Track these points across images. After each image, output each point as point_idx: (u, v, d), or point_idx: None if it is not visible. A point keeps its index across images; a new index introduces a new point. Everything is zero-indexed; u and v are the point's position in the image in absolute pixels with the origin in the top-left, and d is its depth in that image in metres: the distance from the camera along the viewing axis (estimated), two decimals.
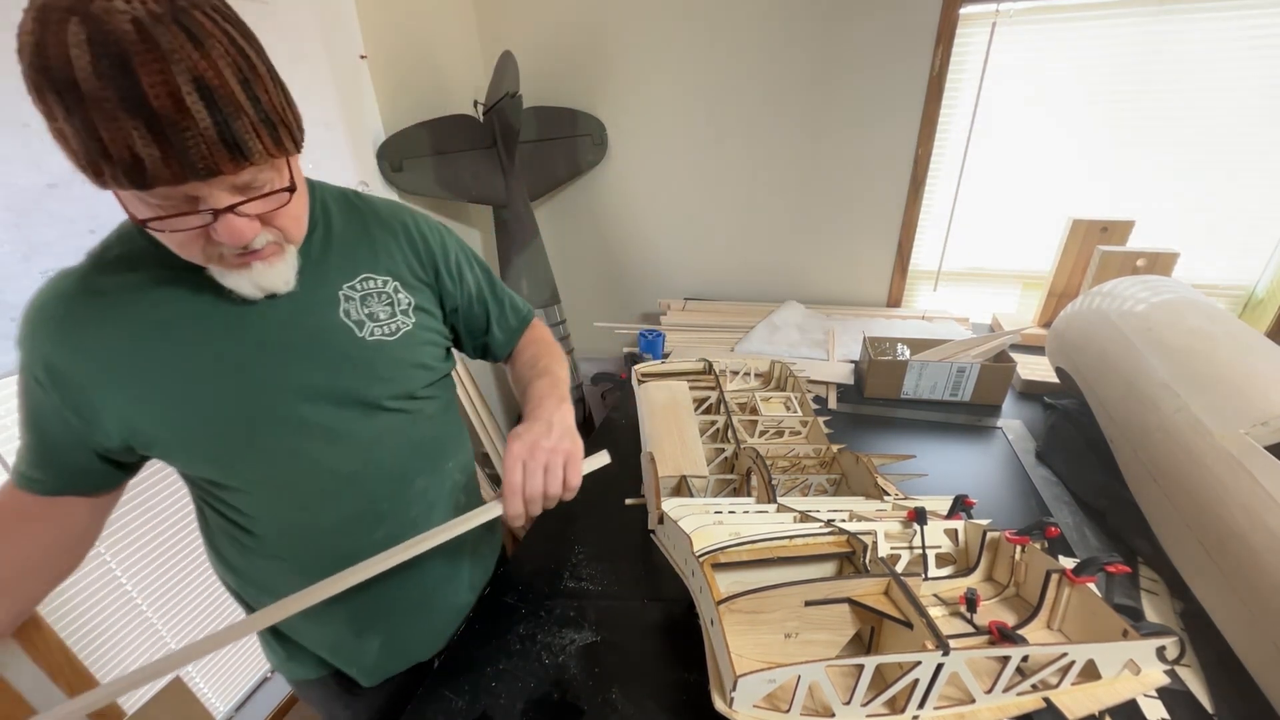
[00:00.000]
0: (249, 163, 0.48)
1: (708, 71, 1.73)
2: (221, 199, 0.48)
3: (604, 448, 0.71)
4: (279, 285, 0.58)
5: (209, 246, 0.51)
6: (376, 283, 0.67)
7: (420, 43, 1.68)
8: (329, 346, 0.64)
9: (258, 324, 0.60)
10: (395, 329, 0.68)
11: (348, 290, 0.65)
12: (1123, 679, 0.55)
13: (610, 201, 2.02)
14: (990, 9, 1.45)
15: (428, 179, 1.65)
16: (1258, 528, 0.63)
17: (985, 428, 1.18)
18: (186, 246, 0.51)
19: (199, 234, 0.50)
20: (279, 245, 0.56)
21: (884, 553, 0.69)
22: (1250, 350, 0.82)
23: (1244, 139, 1.43)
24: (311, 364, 0.62)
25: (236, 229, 0.50)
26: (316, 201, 0.66)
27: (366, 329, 0.66)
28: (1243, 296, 1.58)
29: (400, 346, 0.68)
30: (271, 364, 0.61)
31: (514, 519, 0.63)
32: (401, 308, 0.69)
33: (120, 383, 0.56)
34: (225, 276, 0.54)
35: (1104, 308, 1.05)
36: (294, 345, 0.62)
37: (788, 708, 0.50)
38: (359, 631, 0.74)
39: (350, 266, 0.66)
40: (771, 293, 1.96)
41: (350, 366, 0.64)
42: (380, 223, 0.70)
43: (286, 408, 0.62)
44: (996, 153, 1.62)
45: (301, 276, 0.61)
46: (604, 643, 0.72)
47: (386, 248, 0.69)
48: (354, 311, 0.65)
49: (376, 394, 0.66)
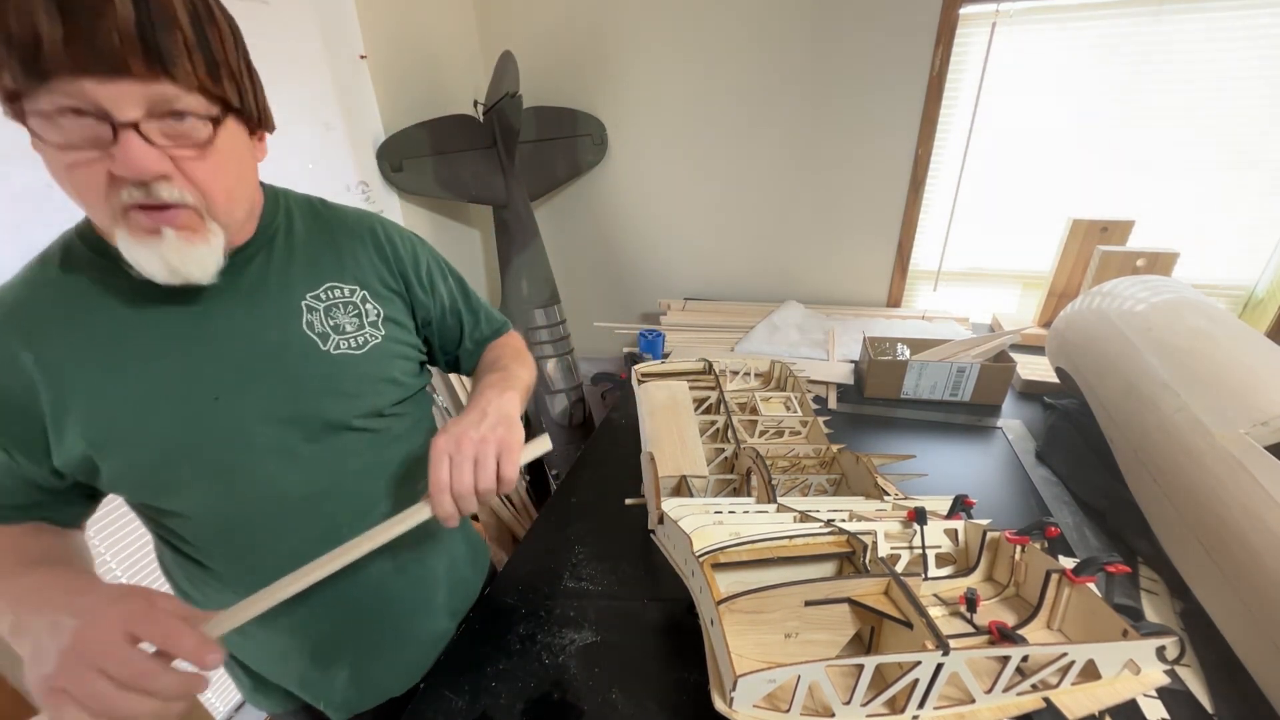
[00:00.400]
0: (165, 73, 0.42)
1: (708, 71, 1.73)
2: (128, 112, 0.42)
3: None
4: (195, 271, 0.49)
5: (112, 191, 0.45)
6: (343, 292, 0.63)
7: (420, 43, 1.68)
8: (290, 361, 0.59)
9: (213, 335, 0.56)
10: (362, 342, 0.63)
11: (311, 300, 0.61)
12: (1123, 679, 0.55)
13: (610, 201, 2.02)
14: (990, 9, 1.45)
15: (428, 179, 1.65)
16: (1258, 528, 0.63)
17: (985, 428, 1.18)
18: (87, 185, 0.44)
19: (101, 170, 0.43)
20: (198, 216, 0.49)
21: (884, 553, 0.69)
22: (1250, 350, 0.82)
23: (1244, 139, 1.43)
24: (271, 379, 0.58)
25: (136, 151, 0.43)
26: (280, 207, 0.63)
27: (331, 342, 0.61)
28: (1243, 296, 1.58)
29: (367, 361, 0.64)
30: (227, 379, 0.56)
31: (446, 519, 0.57)
32: (370, 319, 0.65)
33: (66, 394, 0.51)
34: (133, 249, 0.47)
35: (1104, 308, 1.05)
36: (252, 358, 0.57)
37: (788, 708, 0.50)
38: (324, 665, 0.70)
39: (314, 275, 0.62)
40: (771, 293, 1.96)
41: (313, 383, 0.60)
42: (346, 229, 0.66)
43: (239, 426, 0.57)
44: (996, 153, 1.62)
45: (262, 284, 0.58)
46: (604, 643, 0.72)
47: (354, 255, 0.65)
48: (318, 323, 0.61)
49: (341, 412, 0.62)
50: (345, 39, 1.43)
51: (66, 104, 0.41)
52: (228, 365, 0.56)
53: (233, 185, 0.52)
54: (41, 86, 0.40)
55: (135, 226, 0.46)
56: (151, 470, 0.55)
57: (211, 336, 0.56)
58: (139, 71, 0.41)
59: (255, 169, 0.57)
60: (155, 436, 0.54)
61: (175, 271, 0.49)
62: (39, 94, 0.41)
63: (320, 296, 0.62)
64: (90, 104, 0.41)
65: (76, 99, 0.41)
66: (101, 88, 0.41)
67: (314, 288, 0.62)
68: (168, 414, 0.54)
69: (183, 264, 0.49)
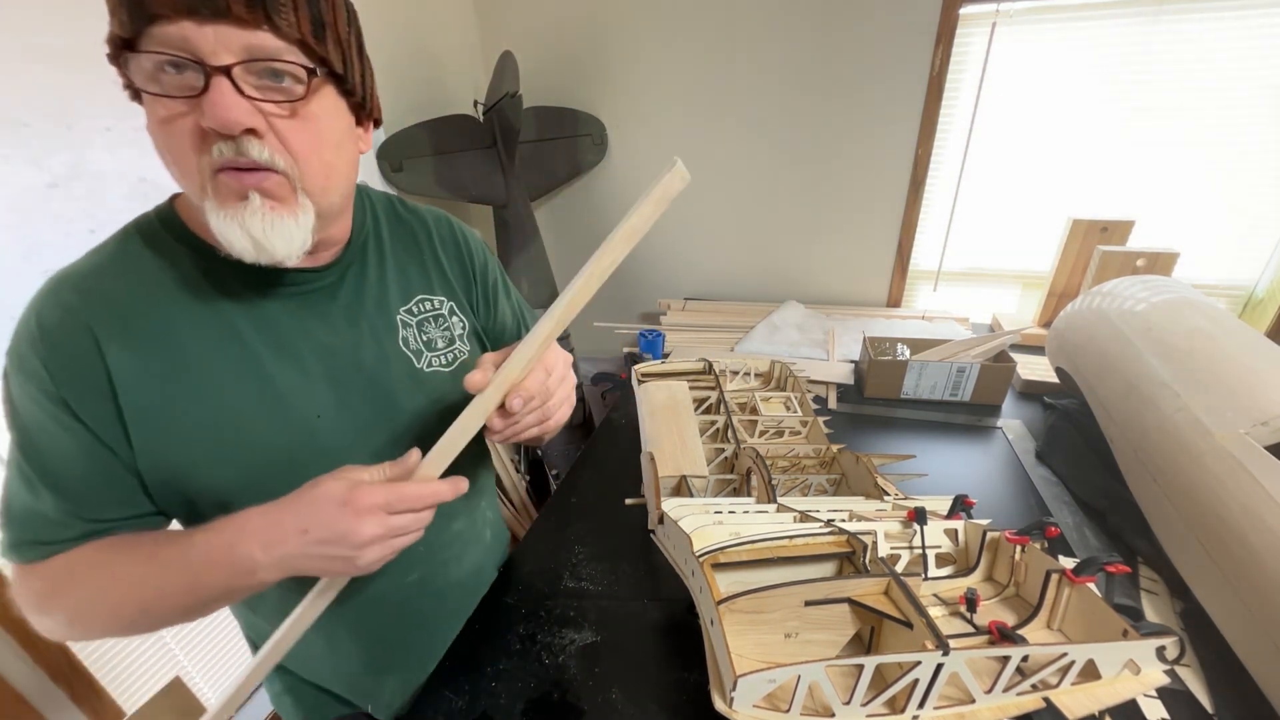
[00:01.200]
0: (267, 20, 0.40)
1: (708, 72, 1.73)
2: (222, 57, 0.41)
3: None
4: (280, 246, 0.45)
5: (203, 149, 0.42)
6: (432, 304, 0.61)
7: (420, 43, 1.68)
8: (389, 381, 0.57)
9: (316, 349, 0.53)
10: (452, 359, 0.61)
11: (405, 315, 0.59)
12: (1123, 679, 0.55)
13: (610, 201, 2.02)
14: (990, 9, 1.45)
15: (428, 179, 1.65)
16: (1258, 528, 0.63)
17: (985, 428, 1.18)
18: (178, 141, 0.42)
19: (191, 124, 0.41)
20: (289, 185, 0.45)
21: (884, 553, 0.69)
22: (1250, 350, 0.82)
23: (1244, 139, 1.43)
24: (369, 399, 0.56)
25: (227, 99, 0.40)
26: (367, 210, 0.60)
27: (424, 359, 0.59)
28: (1243, 296, 1.58)
29: (454, 380, 0.60)
30: (327, 396, 0.54)
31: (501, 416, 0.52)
32: (457, 332, 0.62)
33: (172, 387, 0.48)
34: (220, 221, 0.44)
35: (1104, 308, 1.05)
36: (351, 376, 0.55)
37: (788, 708, 0.50)
38: (378, 670, 0.70)
39: (405, 286, 0.59)
40: (771, 293, 1.96)
41: (409, 403, 0.58)
42: (427, 232, 0.63)
43: (341, 445, 0.55)
44: (996, 153, 1.62)
45: (359, 297, 0.55)
46: (604, 643, 0.72)
47: (437, 262, 0.62)
48: (413, 339, 0.59)
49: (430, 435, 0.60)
50: None
51: (166, 54, 0.40)
52: (328, 383, 0.54)
53: (331, 159, 0.48)
54: (145, 31, 0.39)
55: (223, 191, 0.43)
56: (244, 490, 0.50)
57: (313, 352, 0.53)
58: (239, 14, 0.40)
59: (356, 155, 0.53)
60: (258, 454, 0.51)
61: (259, 245, 0.45)
62: (142, 41, 0.40)
63: (413, 310, 0.59)
64: (189, 49, 0.40)
65: (177, 45, 0.40)
66: (200, 30, 0.39)
67: (406, 301, 0.59)
68: (271, 430, 0.51)
69: (266, 237, 0.45)
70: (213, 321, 0.50)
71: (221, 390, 0.50)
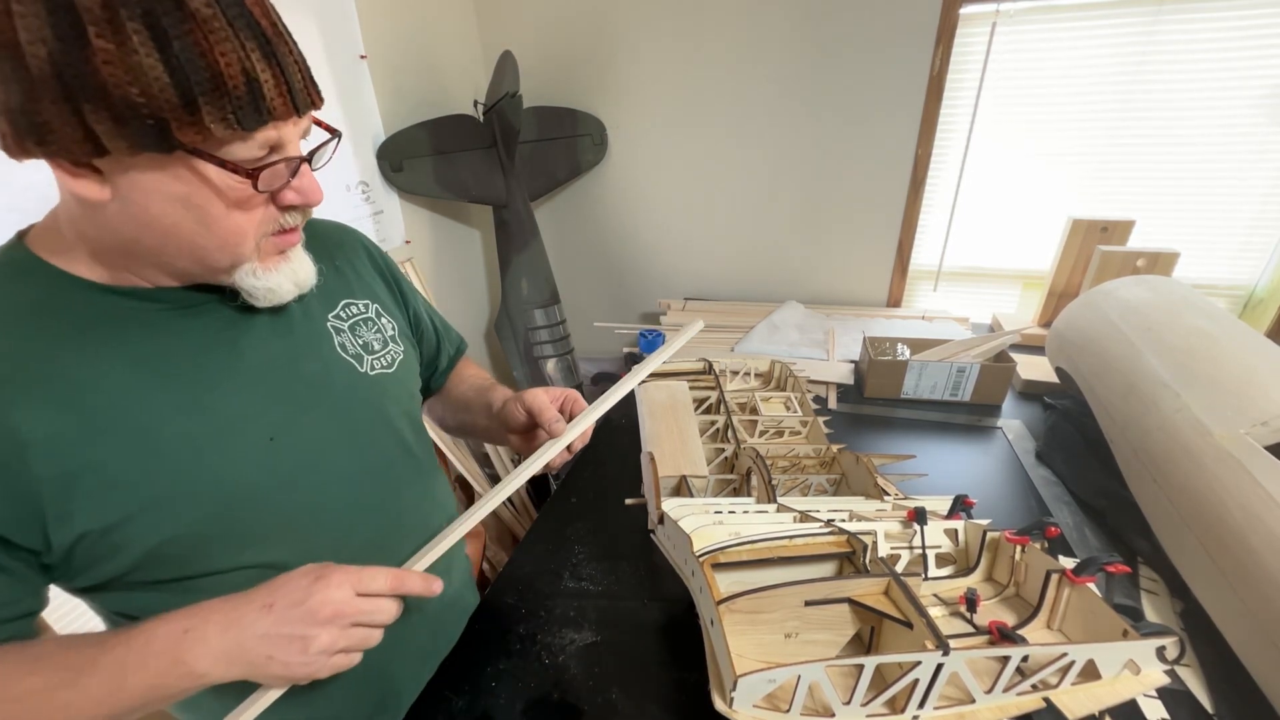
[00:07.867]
0: (315, 105, 0.44)
1: (708, 72, 1.73)
2: (297, 147, 0.44)
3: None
4: (309, 279, 0.51)
5: (264, 225, 0.45)
6: (358, 307, 0.60)
7: (420, 43, 1.68)
8: (335, 389, 0.55)
9: (252, 370, 0.50)
10: (391, 360, 0.60)
11: (334, 321, 0.58)
12: (1123, 679, 0.55)
13: (610, 201, 2.02)
14: (990, 9, 1.45)
15: (428, 179, 1.65)
16: (1257, 528, 0.63)
17: (985, 428, 1.18)
18: (247, 224, 0.43)
19: (261, 201, 0.44)
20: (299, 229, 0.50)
21: (884, 553, 0.69)
22: (1250, 350, 0.82)
23: (1244, 139, 1.43)
24: (320, 413, 0.54)
25: (314, 184, 0.45)
26: None
27: (365, 363, 0.58)
28: (1243, 296, 1.58)
29: (397, 381, 0.60)
30: (275, 416, 0.51)
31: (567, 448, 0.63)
32: (389, 334, 0.62)
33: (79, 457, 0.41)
34: (262, 277, 0.46)
35: (1104, 308, 1.05)
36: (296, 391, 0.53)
37: (788, 708, 0.50)
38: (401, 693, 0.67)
39: (326, 293, 0.58)
40: (771, 293, 1.96)
41: (361, 410, 0.57)
42: (336, 242, 0.63)
43: (301, 465, 0.52)
44: (996, 152, 1.61)
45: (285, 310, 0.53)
46: (604, 643, 0.72)
47: (354, 269, 0.62)
48: (349, 344, 0.58)
49: (390, 440, 0.59)
50: (345, 39, 1.43)
51: (276, 161, 0.42)
52: (274, 401, 0.51)
53: None
54: (256, 130, 0.40)
55: (268, 251, 0.47)
56: (203, 529, 0.47)
57: (250, 371, 0.50)
58: (317, 103, 0.43)
59: None
60: (213, 488, 0.47)
61: (300, 284, 0.50)
62: (235, 142, 0.40)
63: (341, 315, 0.59)
64: (283, 150, 0.43)
65: (276, 145, 0.42)
66: (292, 128, 0.42)
67: (332, 307, 0.58)
68: (224, 463, 0.47)
69: (305, 278, 0.50)
70: (123, 364, 0.44)
71: (157, 434, 0.44)
